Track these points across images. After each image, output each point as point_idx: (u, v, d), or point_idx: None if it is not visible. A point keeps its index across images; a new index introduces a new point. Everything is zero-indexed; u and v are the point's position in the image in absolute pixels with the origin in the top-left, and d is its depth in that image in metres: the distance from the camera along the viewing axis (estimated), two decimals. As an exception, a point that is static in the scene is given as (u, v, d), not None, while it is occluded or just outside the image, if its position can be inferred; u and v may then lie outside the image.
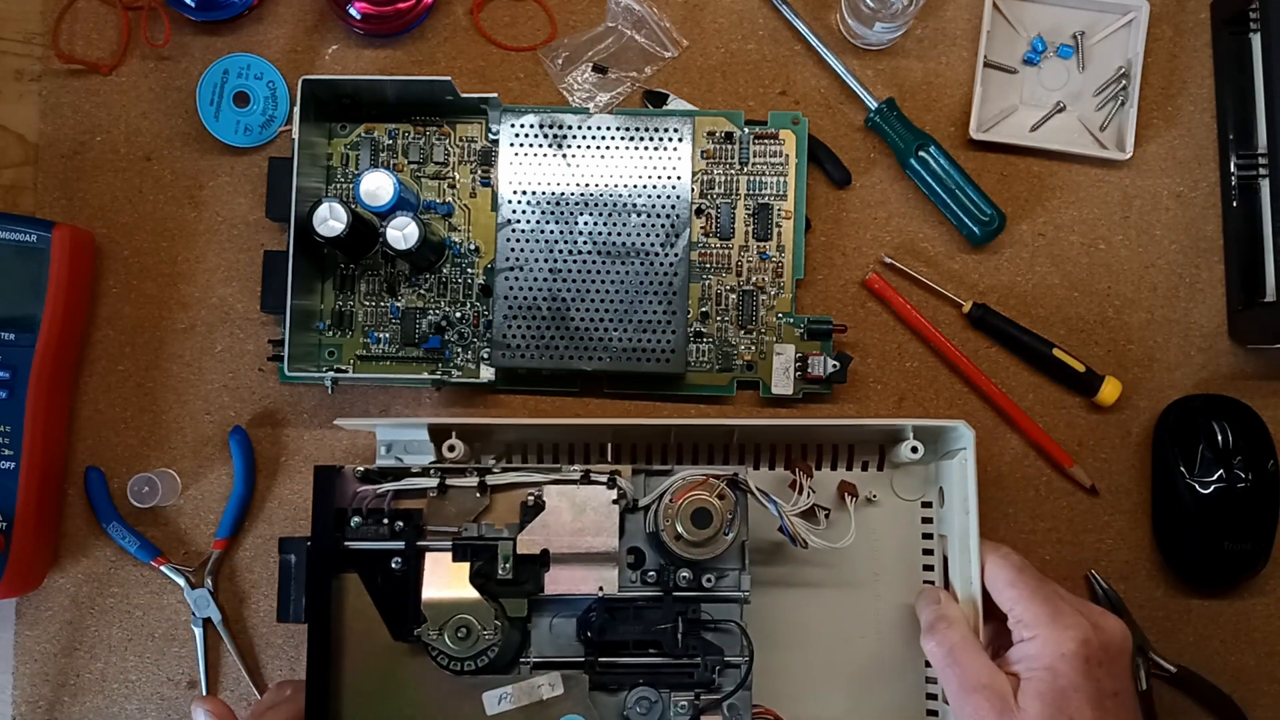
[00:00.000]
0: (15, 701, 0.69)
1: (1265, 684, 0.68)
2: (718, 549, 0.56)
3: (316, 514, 0.57)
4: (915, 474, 0.65)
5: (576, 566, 0.57)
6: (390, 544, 0.57)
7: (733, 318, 0.69)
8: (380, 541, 0.57)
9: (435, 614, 0.56)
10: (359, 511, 0.57)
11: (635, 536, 0.58)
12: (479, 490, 0.57)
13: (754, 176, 0.69)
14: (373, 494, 0.57)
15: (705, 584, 0.57)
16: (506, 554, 0.56)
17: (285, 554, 0.57)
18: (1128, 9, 0.70)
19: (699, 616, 0.57)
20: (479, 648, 0.55)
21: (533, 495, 0.57)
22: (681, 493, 0.56)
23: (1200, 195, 0.70)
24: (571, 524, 0.57)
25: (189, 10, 0.71)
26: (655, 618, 0.57)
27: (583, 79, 0.71)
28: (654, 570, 0.57)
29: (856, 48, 0.71)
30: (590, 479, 0.57)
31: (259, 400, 0.71)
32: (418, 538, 0.57)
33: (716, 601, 0.57)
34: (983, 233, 0.68)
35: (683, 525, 0.55)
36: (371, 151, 0.70)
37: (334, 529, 0.57)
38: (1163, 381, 0.70)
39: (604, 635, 0.56)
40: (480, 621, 0.55)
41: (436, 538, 0.57)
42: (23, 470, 0.66)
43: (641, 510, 0.58)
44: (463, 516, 0.58)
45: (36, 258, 0.67)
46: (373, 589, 0.57)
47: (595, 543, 0.57)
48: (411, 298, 0.70)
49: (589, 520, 0.57)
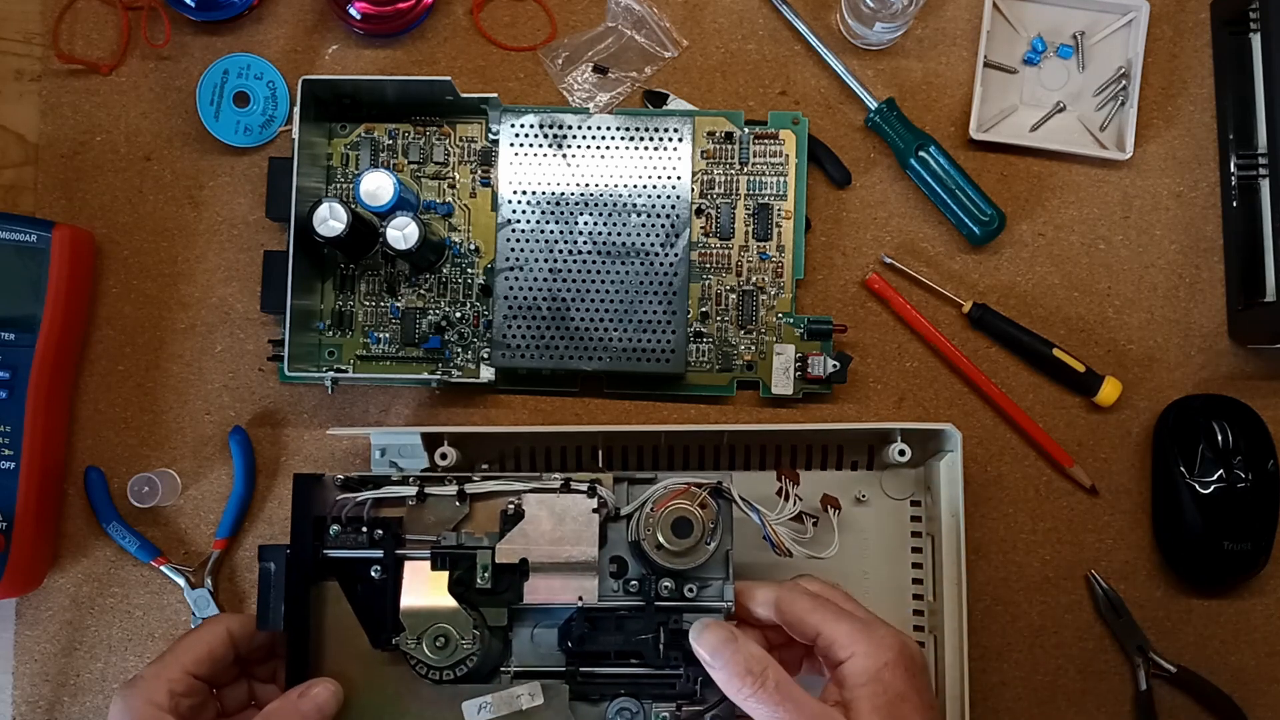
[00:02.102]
0: (15, 701, 0.69)
1: (1265, 684, 0.68)
2: (700, 558, 0.55)
3: (296, 522, 0.57)
4: (905, 474, 0.65)
5: (556, 576, 0.56)
6: (369, 553, 0.57)
7: (733, 318, 0.69)
8: (359, 550, 0.57)
9: (414, 623, 0.55)
10: (338, 520, 0.57)
11: (617, 545, 0.57)
12: (458, 499, 0.57)
13: (754, 176, 0.70)
14: (352, 502, 0.57)
15: (687, 594, 0.56)
16: (485, 563, 0.56)
17: (265, 561, 0.56)
18: (1128, 9, 0.70)
19: (681, 626, 0.55)
20: (457, 657, 0.55)
21: (512, 504, 0.57)
22: (662, 502, 0.55)
23: (1200, 195, 0.70)
24: (551, 533, 0.56)
25: (189, 10, 0.71)
26: (637, 628, 0.56)
27: (583, 79, 0.71)
28: (635, 579, 0.57)
29: (856, 48, 0.71)
30: (570, 488, 0.57)
31: (259, 400, 0.71)
32: (396, 546, 0.57)
33: (699, 611, 0.56)
34: (983, 233, 0.68)
35: (663, 535, 0.55)
36: (371, 151, 0.70)
37: (313, 537, 0.57)
38: (1163, 381, 0.70)
39: (584, 645, 0.56)
40: (459, 630, 0.55)
41: (415, 546, 0.57)
42: (23, 470, 0.66)
43: (624, 519, 0.57)
44: (442, 525, 0.57)
45: (36, 258, 0.67)
46: (352, 597, 0.57)
47: (575, 552, 0.56)
48: (411, 298, 0.70)
49: (569, 529, 0.56)
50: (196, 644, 0.56)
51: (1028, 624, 0.68)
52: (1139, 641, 0.68)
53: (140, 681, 0.54)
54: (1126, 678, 0.68)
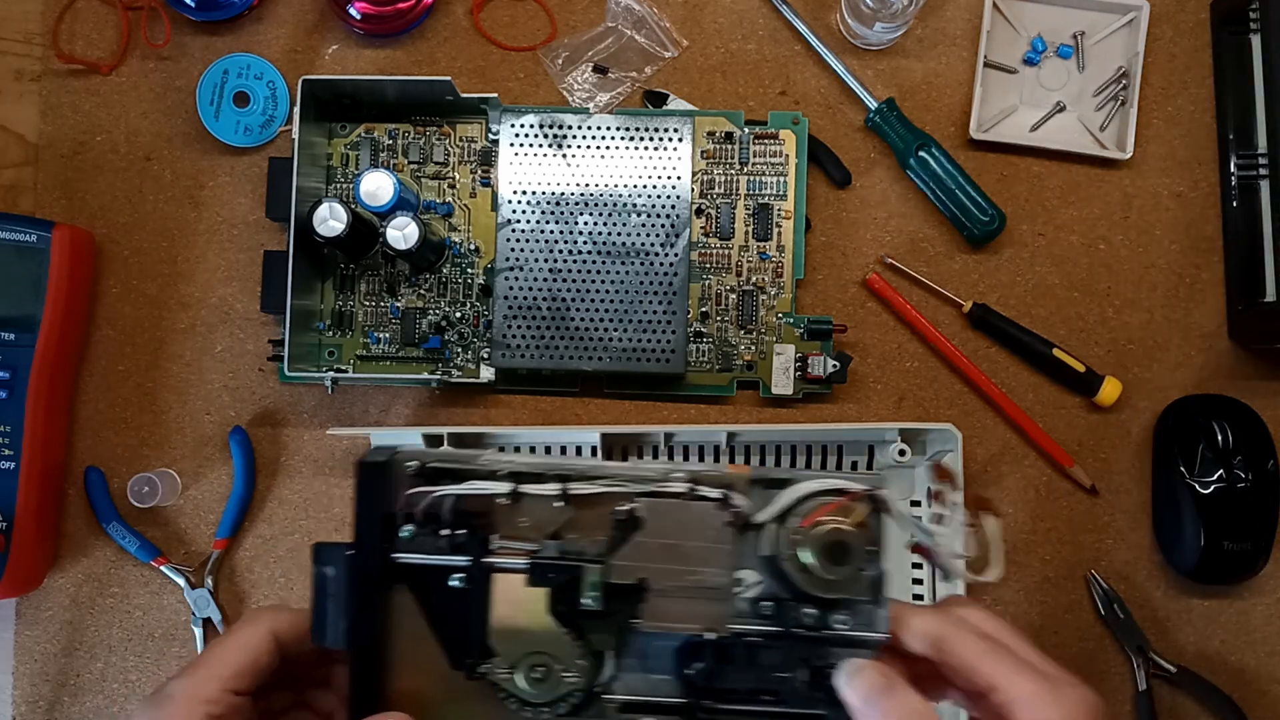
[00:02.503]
0: (15, 701, 0.69)
1: (1265, 684, 0.68)
2: (853, 588, 0.45)
3: (361, 519, 0.46)
4: (904, 474, 0.65)
5: (679, 599, 0.46)
6: (452, 559, 0.46)
7: (733, 318, 0.69)
8: (438, 556, 0.46)
9: (507, 647, 0.46)
10: (411, 517, 0.46)
11: (747, 557, 0.46)
12: (560, 499, 0.46)
13: (754, 176, 0.70)
14: (429, 497, 0.46)
15: (836, 626, 0.45)
16: (595, 581, 0.45)
17: (322, 565, 0.46)
18: (1128, 9, 0.70)
19: (826, 663, 0.45)
20: (559, 692, 0.45)
21: (627, 509, 0.46)
22: (812, 516, 0.45)
23: (1200, 195, 0.70)
24: (675, 548, 0.46)
25: (189, 10, 0.71)
26: (773, 660, 0.46)
27: (583, 79, 0.71)
28: (769, 600, 0.46)
29: (856, 48, 0.71)
30: (698, 493, 0.46)
31: (259, 400, 0.71)
32: (484, 553, 0.46)
33: (848, 645, 0.46)
34: (983, 233, 0.68)
35: (814, 558, 0.45)
36: (371, 151, 0.70)
37: (382, 538, 0.46)
38: (1163, 381, 0.70)
39: (710, 681, 0.46)
40: (562, 660, 0.45)
41: (507, 554, 0.46)
42: (23, 470, 0.66)
43: (756, 526, 0.47)
44: (540, 530, 0.46)
45: (36, 258, 0.67)
46: (428, 609, 0.46)
47: (705, 574, 0.46)
48: (411, 298, 0.70)
49: (695, 544, 0.46)
50: (236, 652, 0.46)
51: (1028, 624, 0.68)
52: (1139, 641, 0.68)
53: (168, 703, 0.44)
54: (1126, 678, 0.68)
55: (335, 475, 0.70)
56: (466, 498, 0.46)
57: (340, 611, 0.46)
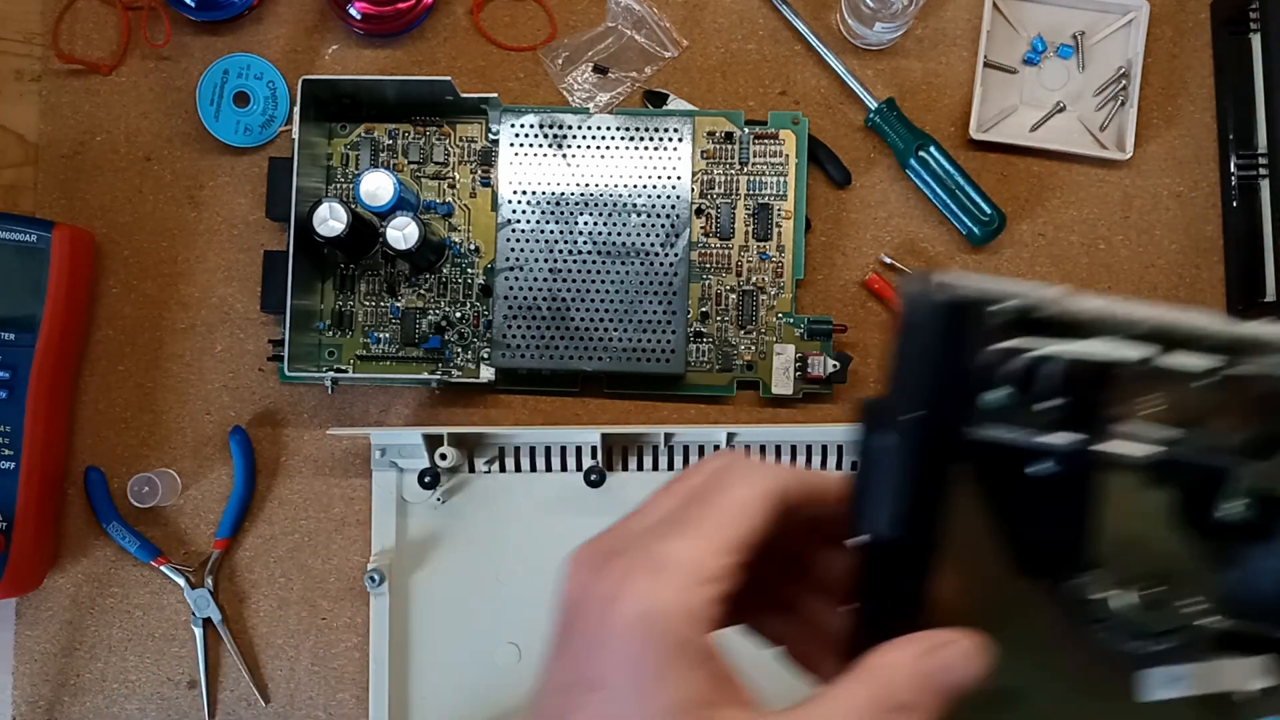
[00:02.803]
0: (15, 701, 0.69)
1: None
2: None
3: (937, 378, 0.34)
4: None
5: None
6: (1049, 439, 0.33)
7: (733, 318, 0.69)
8: (1032, 434, 0.34)
9: (1121, 561, 0.34)
10: (990, 379, 0.33)
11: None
12: (1208, 378, 0.33)
13: (754, 176, 0.70)
14: (1025, 356, 0.33)
15: None
16: (1248, 487, 0.33)
17: (877, 431, 0.35)
18: (1128, 9, 0.70)
19: None
20: (1170, 625, 0.34)
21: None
22: None
23: (1200, 195, 0.70)
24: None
25: (189, 10, 0.71)
26: None
27: (583, 79, 0.71)
28: None
29: (856, 48, 0.71)
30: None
31: (259, 400, 0.71)
32: (1098, 436, 0.33)
33: None
34: (983, 233, 0.68)
35: None
36: (371, 151, 0.70)
37: (956, 402, 0.34)
38: (1163, 381, 0.70)
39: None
40: (1184, 585, 0.34)
41: (1122, 439, 0.34)
42: (23, 470, 0.66)
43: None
44: (1172, 416, 0.34)
45: (36, 258, 0.67)
46: (998, 498, 0.35)
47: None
48: (411, 298, 0.70)
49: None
50: (738, 520, 0.33)
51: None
52: (1139, 641, 0.67)
53: (662, 574, 0.32)
54: (1126, 678, 0.68)
55: (335, 475, 0.70)
56: (1067, 362, 0.33)
57: (893, 492, 0.35)
